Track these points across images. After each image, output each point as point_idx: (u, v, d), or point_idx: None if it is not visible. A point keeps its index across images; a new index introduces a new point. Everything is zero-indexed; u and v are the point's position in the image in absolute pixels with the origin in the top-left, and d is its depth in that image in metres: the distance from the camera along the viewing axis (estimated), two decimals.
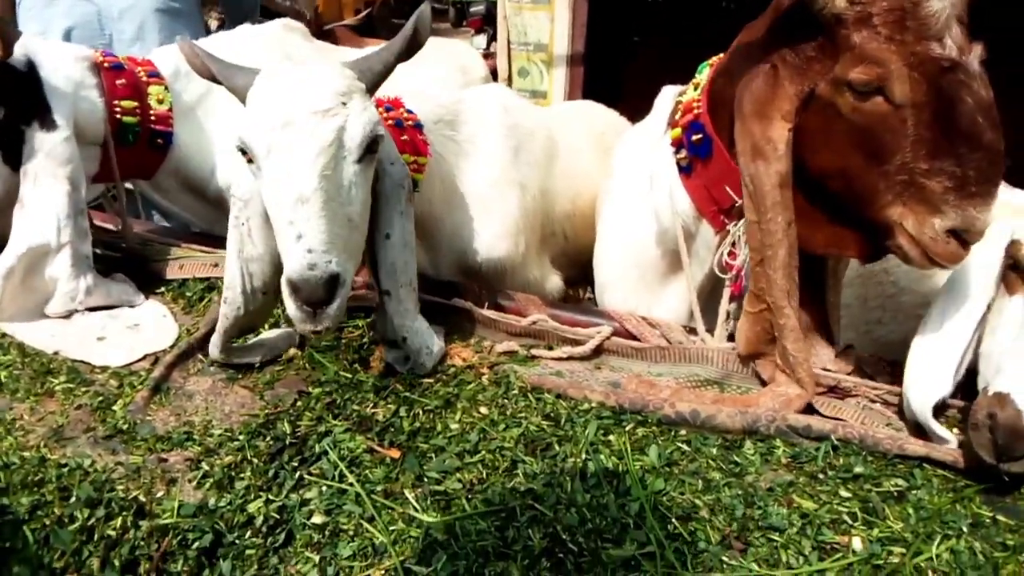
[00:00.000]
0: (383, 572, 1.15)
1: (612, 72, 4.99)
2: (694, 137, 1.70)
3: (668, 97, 1.97)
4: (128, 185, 2.36)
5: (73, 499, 1.26)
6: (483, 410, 1.53)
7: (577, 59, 5.15)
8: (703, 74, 1.77)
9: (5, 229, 1.90)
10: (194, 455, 1.43)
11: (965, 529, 1.25)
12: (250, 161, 1.47)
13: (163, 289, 2.06)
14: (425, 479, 1.35)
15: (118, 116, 2.05)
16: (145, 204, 2.63)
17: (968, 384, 1.49)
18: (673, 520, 1.26)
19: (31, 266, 1.86)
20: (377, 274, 1.65)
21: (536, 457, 1.40)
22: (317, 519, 1.27)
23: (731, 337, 1.73)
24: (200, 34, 3.14)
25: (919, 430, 1.47)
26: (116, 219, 2.24)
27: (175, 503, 1.28)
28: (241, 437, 1.47)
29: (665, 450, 1.41)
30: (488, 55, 5.79)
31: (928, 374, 1.47)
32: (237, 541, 1.24)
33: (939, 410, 1.48)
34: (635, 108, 2.83)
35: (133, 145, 2.11)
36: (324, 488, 1.33)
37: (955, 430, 1.46)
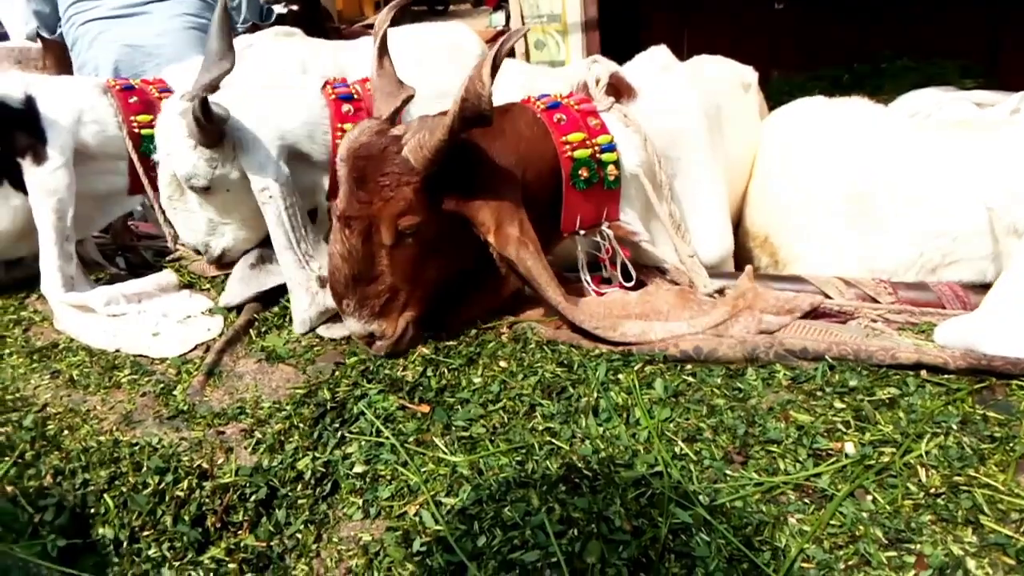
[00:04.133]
0: (417, 506, 1.29)
1: (627, 41, 5.03)
2: None
3: None
4: None
5: (145, 469, 1.43)
6: (503, 364, 1.65)
7: (592, 24, 5.20)
8: None
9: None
10: (248, 426, 1.59)
11: (955, 427, 1.33)
12: None
13: (208, 286, 2.24)
14: (453, 427, 1.48)
15: (137, 130, 2.23)
16: None
17: None
18: (679, 443, 1.37)
19: None
20: None
21: (552, 400, 1.52)
22: (358, 469, 1.42)
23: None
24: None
25: None
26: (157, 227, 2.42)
27: (233, 466, 1.44)
28: (288, 407, 1.62)
29: (671, 383, 1.52)
30: (506, 31, 5.87)
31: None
32: (289, 493, 1.39)
33: None
34: None
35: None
36: (363, 443, 1.48)
37: None
